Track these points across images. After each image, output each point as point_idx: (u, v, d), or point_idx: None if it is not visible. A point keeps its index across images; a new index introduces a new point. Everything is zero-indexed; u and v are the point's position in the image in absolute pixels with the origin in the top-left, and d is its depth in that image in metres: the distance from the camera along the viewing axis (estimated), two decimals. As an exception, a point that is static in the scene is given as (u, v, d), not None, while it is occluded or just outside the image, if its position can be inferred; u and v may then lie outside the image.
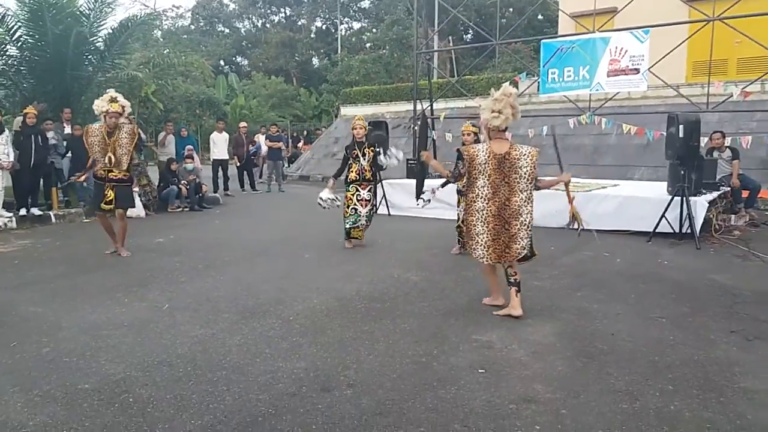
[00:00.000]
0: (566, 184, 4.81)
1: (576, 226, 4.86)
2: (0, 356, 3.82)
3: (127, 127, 6.90)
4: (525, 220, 4.50)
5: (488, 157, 4.46)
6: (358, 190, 7.34)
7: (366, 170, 7.32)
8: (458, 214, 6.77)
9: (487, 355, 3.81)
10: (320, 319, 4.54)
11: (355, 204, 7.34)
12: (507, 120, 4.43)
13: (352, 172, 7.35)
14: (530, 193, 4.51)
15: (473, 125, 6.70)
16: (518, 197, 4.45)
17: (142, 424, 2.93)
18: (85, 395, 3.24)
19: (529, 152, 4.48)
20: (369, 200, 7.37)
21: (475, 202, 4.55)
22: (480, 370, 3.54)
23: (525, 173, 4.44)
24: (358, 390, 3.29)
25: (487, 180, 4.48)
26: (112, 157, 6.75)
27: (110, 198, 6.85)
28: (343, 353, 3.84)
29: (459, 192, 6.83)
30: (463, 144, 6.30)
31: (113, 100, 6.74)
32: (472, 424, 2.91)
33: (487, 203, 4.49)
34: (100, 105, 6.75)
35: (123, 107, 6.83)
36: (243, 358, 3.78)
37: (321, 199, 7.38)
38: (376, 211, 7.69)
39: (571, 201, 4.82)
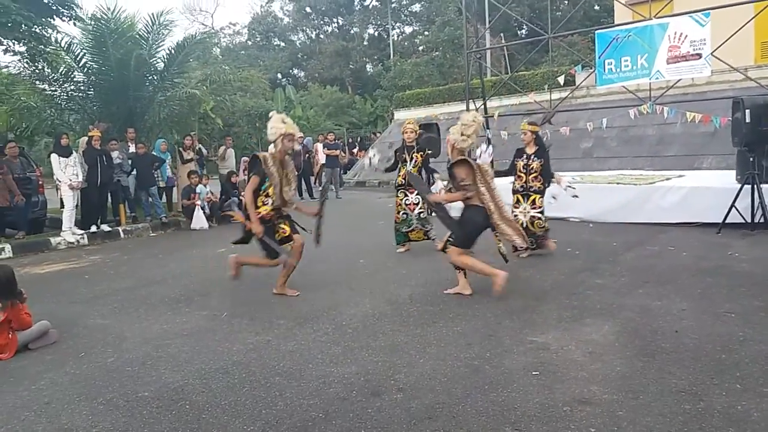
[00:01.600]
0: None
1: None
2: (69, 367, 4.02)
3: (291, 161, 5.71)
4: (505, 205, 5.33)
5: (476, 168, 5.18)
6: (406, 195, 7.29)
7: None
8: (517, 215, 6.58)
9: (541, 356, 3.71)
10: (373, 324, 4.55)
11: (404, 209, 7.29)
12: (471, 144, 5.23)
13: (399, 176, 7.35)
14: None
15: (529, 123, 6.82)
16: (497, 193, 5.15)
17: (196, 430, 3.01)
18: (144, 403, 3.36)
19: (483, 163, 5.66)
20: (417, 203, 7.20)
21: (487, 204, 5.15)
22: (534, 372, 3.45)
23: (492, 174, 5.25)
24: (408, 394, 3.27)
25: (484, 187, 5.15)
26: (288, 191, 5.53)
27: (287, 233, 5.57)
28: (395, 357, 3.82)
29: (515, 192, 6.70)
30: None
31: (284, 121, 5.45)
32: (524, 427, 2.84)
33: (492, 205, 5.10)
34: (277, 126, 5.37)
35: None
36: (296, 363, 3.82)
37: None
38: (430, 213, 7.34)
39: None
